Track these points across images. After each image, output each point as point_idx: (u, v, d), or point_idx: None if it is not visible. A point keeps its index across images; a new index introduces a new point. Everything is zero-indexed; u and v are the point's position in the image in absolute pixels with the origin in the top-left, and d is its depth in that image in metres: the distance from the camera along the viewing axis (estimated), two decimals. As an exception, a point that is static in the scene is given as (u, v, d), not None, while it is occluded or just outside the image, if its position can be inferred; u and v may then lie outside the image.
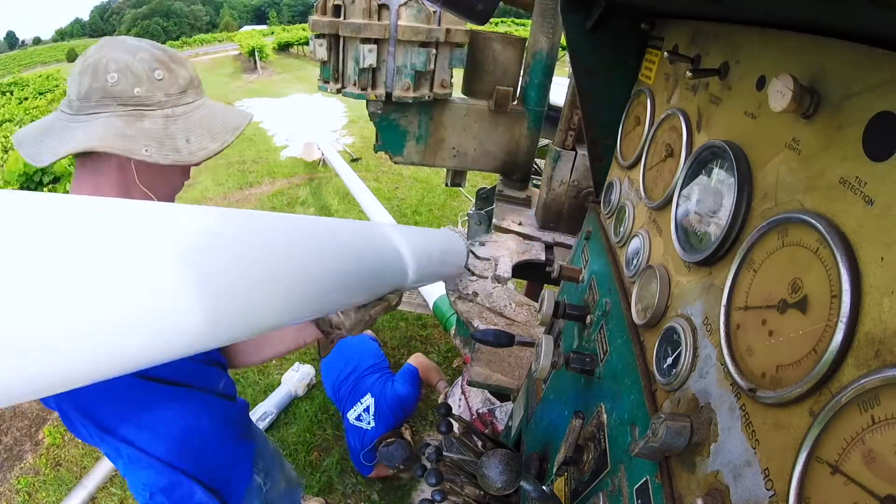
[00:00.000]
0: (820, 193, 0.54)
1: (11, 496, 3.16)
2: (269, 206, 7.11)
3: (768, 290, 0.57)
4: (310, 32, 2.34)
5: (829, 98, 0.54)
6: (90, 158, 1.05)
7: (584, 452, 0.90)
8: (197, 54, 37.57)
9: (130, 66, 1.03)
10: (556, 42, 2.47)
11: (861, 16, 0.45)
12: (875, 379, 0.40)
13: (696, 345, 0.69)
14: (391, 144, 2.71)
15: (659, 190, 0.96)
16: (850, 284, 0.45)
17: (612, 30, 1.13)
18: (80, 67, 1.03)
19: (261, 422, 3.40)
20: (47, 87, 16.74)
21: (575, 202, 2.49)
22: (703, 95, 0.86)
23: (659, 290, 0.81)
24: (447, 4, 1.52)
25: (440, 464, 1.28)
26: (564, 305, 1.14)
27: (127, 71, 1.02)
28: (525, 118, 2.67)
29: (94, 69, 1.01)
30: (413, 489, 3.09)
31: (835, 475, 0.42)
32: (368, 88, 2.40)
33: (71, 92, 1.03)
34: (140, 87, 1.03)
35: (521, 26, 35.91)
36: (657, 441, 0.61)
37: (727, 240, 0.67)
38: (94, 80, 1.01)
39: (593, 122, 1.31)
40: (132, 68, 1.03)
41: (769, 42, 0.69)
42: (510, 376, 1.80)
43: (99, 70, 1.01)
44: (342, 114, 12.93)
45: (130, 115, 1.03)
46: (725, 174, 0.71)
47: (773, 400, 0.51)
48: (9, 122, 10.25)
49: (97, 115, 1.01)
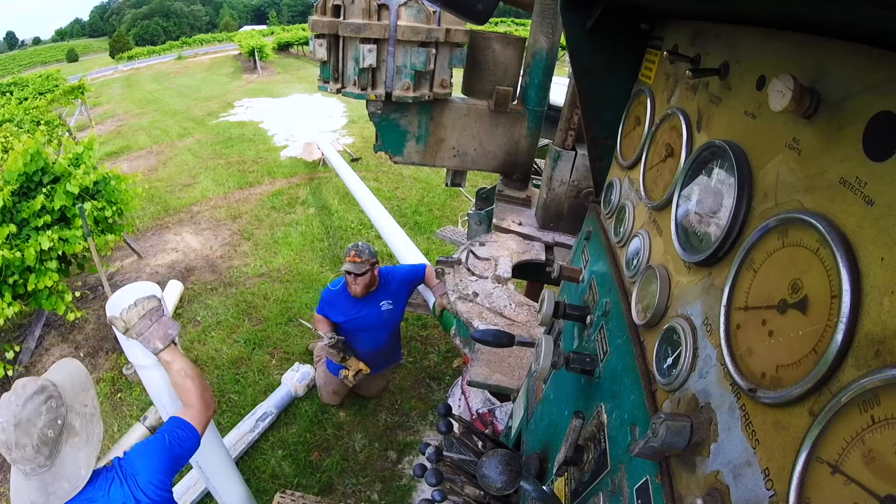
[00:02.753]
0: (820, 193, 0.54)
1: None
2: (269, 205, 7.11)
3: (768, 291, 0.57)
4: (310, 32, 2.34)
5: (829, 98, 0.54)
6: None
7: (584, 452, 0.90)
8: (197, 54, 37.61)
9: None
10: (556, 42, 2.47)
11: (861, 16, 0.45)
12: (875, 379, 0.40)
13: (696, 345, 0.69)
14: (391, 144, 2.71)
15: (659, 190, 0.96)
16: (850, 284, 0.45)
17: (612, 30, 1.13)
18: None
19: (261, 422, 3.40)
20: (47, 87, 16.73)
21: (575, 202, 2.49)
22: (703, 95, 0.86)
23: (659, 290, 0.81)
24: (447, 4, 1.52)
25: (440, 464, 1.28)
26: (564, 305, 1.14)
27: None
28: (525, 118, 2.67)
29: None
30: (413, 489, 3.09)
31: (835, 475, 0.42)
32: (368, 88, 2.40)
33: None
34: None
35: (521, 26, 35.89)
36: (657, 441, 0.61)
37: (727, 240, 0.67)
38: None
39: (593, 122, 1.31)
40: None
41: (769, 42, 0.69)
42: (510, 376, 1.80)
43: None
44: (342, 114, 12.93)
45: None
46: (725, 174, 0.71)
47: (773, 400, 0.51)
48: (9, 123, 10.24)
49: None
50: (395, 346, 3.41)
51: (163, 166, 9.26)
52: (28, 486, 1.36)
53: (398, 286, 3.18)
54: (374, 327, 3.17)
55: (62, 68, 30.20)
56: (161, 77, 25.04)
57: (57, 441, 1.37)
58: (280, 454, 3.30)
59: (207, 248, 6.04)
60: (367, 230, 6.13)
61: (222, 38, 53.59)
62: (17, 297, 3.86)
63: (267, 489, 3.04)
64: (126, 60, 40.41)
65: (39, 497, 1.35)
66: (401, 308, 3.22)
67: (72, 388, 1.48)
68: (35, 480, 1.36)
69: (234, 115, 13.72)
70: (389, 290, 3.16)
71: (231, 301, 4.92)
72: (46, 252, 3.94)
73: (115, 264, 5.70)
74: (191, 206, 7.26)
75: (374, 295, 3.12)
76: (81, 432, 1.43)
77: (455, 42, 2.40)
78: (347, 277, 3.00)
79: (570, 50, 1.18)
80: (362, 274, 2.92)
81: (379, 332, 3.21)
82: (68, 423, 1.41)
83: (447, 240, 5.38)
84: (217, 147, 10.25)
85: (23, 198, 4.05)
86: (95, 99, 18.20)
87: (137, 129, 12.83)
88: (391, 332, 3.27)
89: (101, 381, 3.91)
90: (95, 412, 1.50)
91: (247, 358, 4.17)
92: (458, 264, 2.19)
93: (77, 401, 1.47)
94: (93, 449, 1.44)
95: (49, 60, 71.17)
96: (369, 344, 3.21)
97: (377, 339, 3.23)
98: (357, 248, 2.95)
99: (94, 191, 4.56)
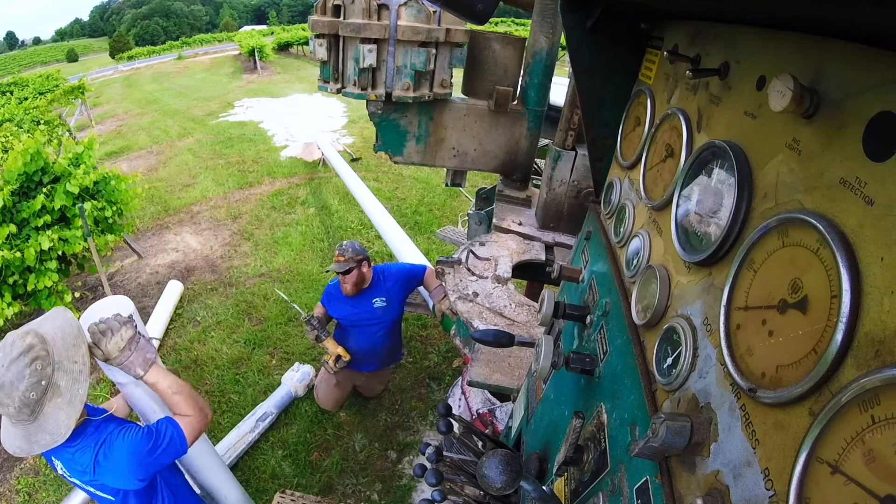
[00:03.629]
0: (820, 193, 0.53)
1: (11, 496, 3.16)
2: (269, 205, 7.12)
3: (768, 291, 0.57)
4: (310, 32, 2.34)
5: (829, 98, 0.54)
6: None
7: (584, 452, 0.90)
8: (197, 54, 37.60)
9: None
10: (556, 42, 2.47)
11: (861, 16, 0.45)
12: (875, 379, 0.40)
13: (696, 345, 0.69)
14: (391, 144, 2.71)
15: (659, 190, 0.96)
16: (850, 284, 0.45)
17: (612, 30, 1.13)
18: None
19: (261, 422, 3.40)
20: (47, 87, 16.73)
21: (575, 202, 2.49)
22: (703, 95, 0.86)
23: (659, 290, 0.81)
24: (447, 4, 1.52)
25: (440, 464, 1.28)
26: (564, 306, 1.14)
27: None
28: (525, 118, 2.67)
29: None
30: (413, 489, 3.09)
31: (835, 475, 0.42)
32: (368, 88, 2.40)
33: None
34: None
35: (521, 26, 35.89)
36: (657, 441, 0.60)
37: (727, 240, 0.67)
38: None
39: (593, 122, 1.31)
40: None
41: (769, 42, 0.69)
42: (510, 376, 1.80)
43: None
44: (342, 114, 12.93)
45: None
46: (726, 174, 0.71)
47: (773, 400, 0.51)
48: (9, 122, 10.24)
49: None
50: (393, 345, 3.39)
51: (163, 166, 9.26)
52: (14, 431, 1.44)
53: (393, 284, 3.18)
54: (368, 324, 3.16)
55: (62, 68, 30.19)
56: (161, 77, 25.04)
57: (40, 401, 1.42)
58: (280, 454, 3.30)
59: (207, 248, 6.04)
60: (367, 230, 6.13)
61: (222, 38, 53.62)
62: (17, 297, 3.86)
63: (267, 489, 3.04)
64: (126, 60, 40.42)
65: (23, 443, 1.44)
66: (396, 307, 3.21)
67: (63, 342, 1.49)
68: (20, 428, 1.43)
69: (234, 115, 13.72)
70: (383, 287, 3.15)
71: (231, 301, 4.92)
72: (46, 252, 3.94)
73: (115, 264, 5.70)
74: (191, 206, 7.26)
75: (366, 292, 3.11)
76: (66, 393, 1.46)
77: (455, 42, 2.40)
78: (339, 277, 3.02)
79: (570, 50, 1.18)
80: (347, 272, 2.94)
81: (373, 329, 3.19)
82: (53, 384, 1.43)
83: (447, 240, 5.38)
84: (217, 147, 10.25)
85: (23, 198, 4.05)
86: (95, 99, 18.21)
87: (137, 129, 12.83)
88: (387, 330, 3.25)
89: (102, 382, 3.90)
90: (84, 369, 1.51)
91: (247, 358, 4.16)
92: (458, 264, 2.19)
93: (66, 357, 1.48)
94: (74, 410, 1.47)
95: (49, 60, 71.19)
96: (363, 341, 3.20)
97: (371, 337, 3.20)
98: (341, 247, 2.98)
99: (94, 191, 4.56)
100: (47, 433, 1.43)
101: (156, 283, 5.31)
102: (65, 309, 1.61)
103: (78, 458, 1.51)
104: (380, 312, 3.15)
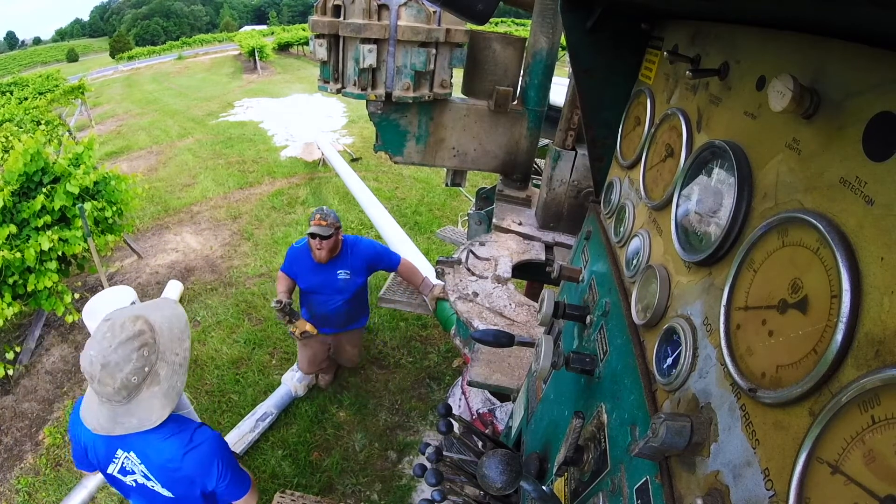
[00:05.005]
0: (820, 193, 0.53)
1: (11, 496, 3.16)
2: (269, 205, 7.12)
3: (768, 291, 0.57)
4: (310, 32, 2.34)
5: (829, 98, 0.54)
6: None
7: (584, 452, 0.90)
8: (197, 54, 37.61)
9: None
10: (556, 42, 2.47)
11: (861, 16, 0.45)
12: (875, 379, 0.40)
13: (696, 345, 0.69)
14: (391, 144, 2.71)
15: (659, 190, 0.96)
16: (850, 284, 0.45)
17: (612, 30, 1.13)
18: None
19: (261, 422, 3.40)
20: (47, 87, 16.73)
21: (575, 202, 2.49)
22: (703, 95, 0.86)
23: (659, 290, 0.81)
24: (447, 4, 1.52)
25: (440, 464, 1.28)
26: (564, 305, 1.14)
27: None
28: (525, 118, 2.67)
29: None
30: (413, 489, 3.09)
31: (835, 475, 0.42)
32: (368, 88, 2.40)
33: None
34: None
35: (521, 26, 35.89)
36: (657, 441, 0.60)
37: (727, 240, 0.67)
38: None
39: (593, 122, 1.31)
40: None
41: (769, 42, 0.69)
42: (510, 376, 1.80)
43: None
44: (342, 114, 12.93)
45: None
46: (725, 174, 0.71)
47: (773, 400, 0.51)
48: (9, 122, 10.24)
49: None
50: (352, 312, 3.30)
51: (163, 166, 9.26)
52: (100, 409, 1.44)
53: (361, 262, 3.11)
54: (328, 292, 3.12)
55: (62, 68, 30.21)
56: (161, 77, 25.04)
57: (139, 387, 1.42)
58: (280, 454, 3.30)
59: (207, 248, 6.04)
60: (367, 230, 6.13)
61: (222, 39, 53.62)
62: (17, 297, 3.86)
63: (267, 489, 3.04)
64: (126, 60, 40.41)
65: (107, 423, 1.43)
66: (359, 281, 3.14)
67: (169, 334, 1.50)
68: (107, 408, 1.43)
69: (234, 115, 13.72)
70: (349, 261, 3.09)
71: (231, 301, 4.92)
72: (46, 252, 3.94)
73: (115, 264, 5.70)
74: (191, 206, 7.26)
75: (333, 262, 3.05)
76: (164, 382, 1.47)
77: (455, 42, 2.40)
78: (312, 242, 2.93)
79: (570, 50, 1.18)
80: (328, 237, 2.86)
81: (334, 298, 3.14)
82: (154, 372, 1.45)
83: (447, 240, 5.38)
84: (217, 147, 10.25)
85: (23, 198, 4.05)
86: (95, 99, 18.21)
87: (137, 129, 12.83)
88: (346, 300, 3.18)
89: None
90: (184, 363, 1.53)
91: (247, 358, 4.17)
92: (458, 264, 2.19)
93: (170, 349, 1.49)
94: (169, 401, 1.48)
95: (49, 60, 71.23)
96: (322, 306, 3.17)
97: (331, 303, 3.16)
98: (322, 211, 2.89)
99: (94, 191, 4.56)
100: (135, 417, 1.43)
101: (156, 283, 5.31)
102: (175, 301, 1.63)
103: (166, 447, 1.50)
104: (342, 284, 3.09)
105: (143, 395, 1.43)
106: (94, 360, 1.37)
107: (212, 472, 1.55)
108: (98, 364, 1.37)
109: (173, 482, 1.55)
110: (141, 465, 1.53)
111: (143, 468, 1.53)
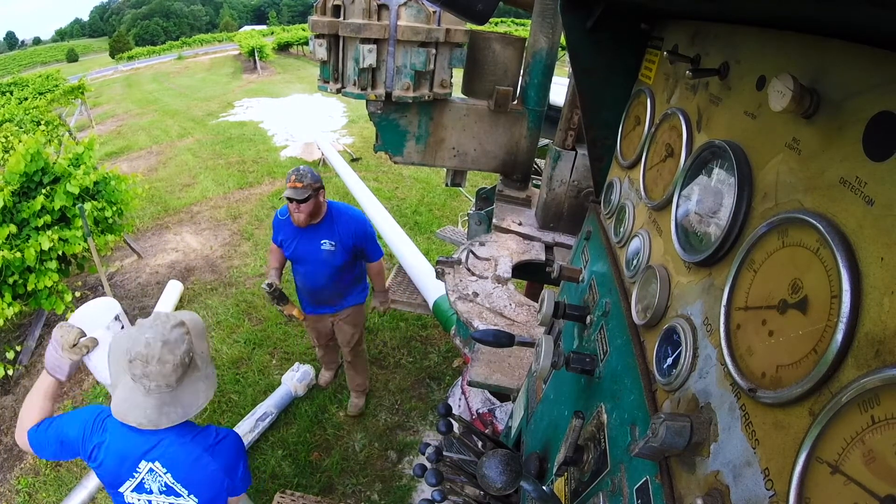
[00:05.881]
0: (820, 193, 0.53)
1: (11, 496, 3.16)
2: (269, 205, 7.11)
3: (768, 291, 0.57)
4: (310, 32, 2.34)
5: (829, 98, 0.54)
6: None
7: (584, 452, 0.90)
8: (197, 54, 37.61)
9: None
10: (556, 42, 2.47)
11: (861, 16, 0.45)
12: (875, 379, 0.40)
13: (696, 345, 0.69)
14: (391, 144, 2.70)
15: (659, 190, 0.96)
16: (850, 284, 0.45)
17: (612, 30, 1.13)
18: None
19: (261, 422, 3.40)
20: (47, 88, 16.71)
21: (575, 202, 2.49)
22: (703, 95, 0.86)
23: (659, 290, 0.81)
24: (447, 4, 1.52)
25: (440, 464, 1.28)
26: (564, 306, 1.14)
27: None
28: (525, 118, 2.67)
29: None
30: (413, 489, 3.09)
31: (835, 475, 0.42)
32: (368, 88, 2.40)
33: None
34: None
35: (521, 26, 35.88)
36: (657, 441, 0.60)
37: (727, 240, 0.67)
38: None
39: (593, 122, 1.31)
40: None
41: (769, 42, 0.69)
42: (510, 376, 1.80)
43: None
44: (342, 114, 12.93)
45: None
46: (725, 174, 0.71)
47: (773, 400, 0.51)
48: (9, 122, 10.24)
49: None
50: (338, 291, 3.08)
51: (163, 166, 9.26)
52: (146, 401, 1.48)
53: (348, 236, 2.89)
54: (311, 262, 2.92)
55: (62, 68, 30.16)
56: (161, 77, 25.04)
57: (188, 368, 1.52)
58: (280, 454, 3.30)
59: (207, 248, 6.05)
60: (367, 230, 6.13)
61: (222, 39, 53.63)
62: (17, 297, 3.86)
63: (267, 489, 3.04)
64: (126, 60, 40.40)
65: (154, 414, 1.48)
66: (344, 255, 2.93)
67: (195, 332, 1.61)
68: (154, 398, 1.47)
69: (234, 115, 13.72)
70: (335, 230, 2.87)
71: (231, 301, 4.92)
72: (46, 252, 3.94)
73: (115, 264, 5.70)
74: (191, 206, 7.26)
75: (316, 229, 2.84)
76: (203, 369, 1.58)
77: (455, 42, 2.40)
78: (290, 205, 2.71)
79: (570, 50, 1.18)
80: (304, 200, 2.62)
81: (317, 269, 2.94)
82: (194, 358, 1.55)
83: (447, 240, 5.38)
84: (217, 147, 10.25)
85: (23, 198, 4.05)
86: (95, 99, 18.21)
87: (137, 129, 12.83)
88: (330, 274, 2.96)
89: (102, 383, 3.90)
90: (210, 360, 1.65)
91: (247, 358, 4.17)
92: (458, 264, 2.19)
93: (197, 345, 1.60)
94: (211, 384, 1.59)
95: (49, 60, 71.25)
96: (311, 280, 2.99)
97: (315, 276, 2.96)
98: (298, 171, 2.61)
99: (94, 191, 4.56)
100: (180, 406, 1.50)
101: (156, 283, 5.31)
102: (192, 312, 1.73)
103: (194, 447, 1.55)
104: (326, 255, 2.90)
105: (187, 381, 1.52)
106: (151, 341, 1.43)
107: (240, 462, 1.61)
108: (159, 342, 1.43)
109: (202, 484, 1.56)
110: (166, 475, 1.54)
111: (169, 477, 1.54)
